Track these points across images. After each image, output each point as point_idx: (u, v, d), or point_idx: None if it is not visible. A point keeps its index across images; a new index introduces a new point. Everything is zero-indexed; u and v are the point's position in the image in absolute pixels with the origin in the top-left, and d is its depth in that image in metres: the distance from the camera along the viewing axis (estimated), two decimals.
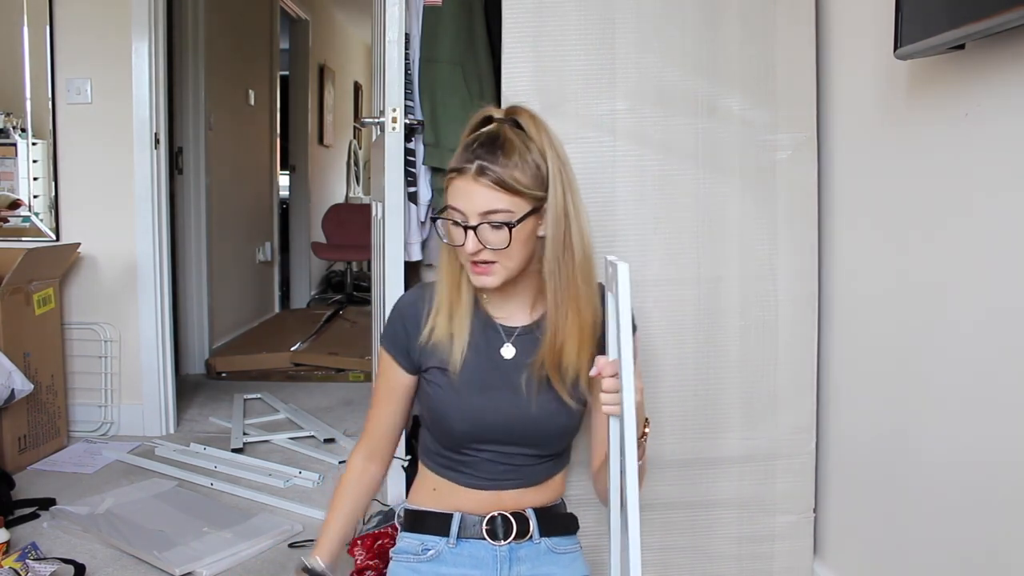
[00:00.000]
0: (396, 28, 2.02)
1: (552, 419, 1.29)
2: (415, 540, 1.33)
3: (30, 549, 1.83)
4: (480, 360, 1.29)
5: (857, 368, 1.60)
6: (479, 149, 1.20)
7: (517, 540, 1.30)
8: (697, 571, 1.70)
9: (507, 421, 1.27)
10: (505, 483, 1.31)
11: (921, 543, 1.35)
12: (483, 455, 1.30)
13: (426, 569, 1.30)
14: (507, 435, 1.28)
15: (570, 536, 1.38)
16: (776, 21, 1.66)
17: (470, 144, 1.22)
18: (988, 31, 1.04)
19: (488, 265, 1.21)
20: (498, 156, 1.19)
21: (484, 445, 1.29)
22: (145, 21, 2.83)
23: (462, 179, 1.20)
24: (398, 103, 2.03)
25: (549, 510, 1.35)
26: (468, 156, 1.20)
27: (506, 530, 1.30)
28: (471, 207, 1.19)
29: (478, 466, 1.30)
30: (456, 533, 1.30)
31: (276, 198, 5.52)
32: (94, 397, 2.95)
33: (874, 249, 1.52)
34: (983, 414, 1.18)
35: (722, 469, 1.69)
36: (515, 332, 1.31)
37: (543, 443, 1.31)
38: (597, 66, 1.65)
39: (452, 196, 1.22)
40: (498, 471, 1.30)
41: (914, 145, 1.37)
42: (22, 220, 2.91)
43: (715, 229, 1.67)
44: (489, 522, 1.30)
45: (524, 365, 1.28)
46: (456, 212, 1.21)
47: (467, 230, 1.20)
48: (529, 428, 1.28)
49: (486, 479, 1.31)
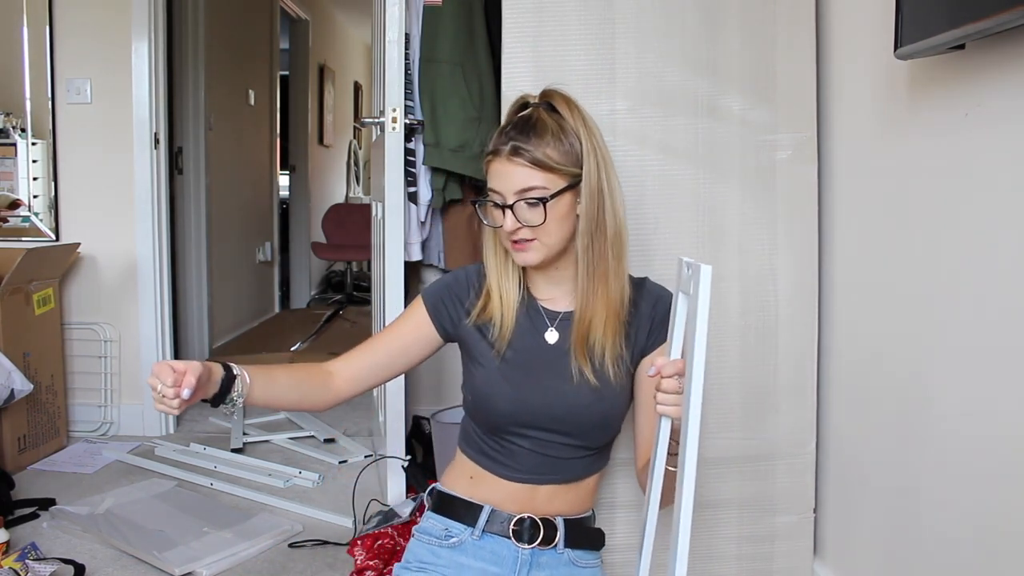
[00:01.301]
0: (396, 28, 2.02)
1: (593, 407, 1.29)
2: (440, 523, 1.33)
3: (30, 549, 1.83)
4: (526, 343, 1.31)
5: (857, 368, 1.59)
6: (512, 131, 1.24)
7: (542, 546, 1.31)
8: (697, 571, 1.70)
9: (549, 405, 1.28)
10: (542, 477, 1.31)
11: (921, 543, 1.35)
12: (523, 443, 1.30)
13: (446, 555, 1.31)
14: (549, 420, 1.29)
15: (594, 552, 1.38)
16: (776, 21, 1.66)
17: (505, 127, 1.26)
18: (988, 31, 1.03)
19: (527, 243, 1.25)
20: (531, 136, 1.23)
21: (526, 430, 1.29)
22: (145, 21, 2.83)
23: (497, 161, 1.24)
24: (398, 103, 2.03)
25: (579, 522, 1.35)
26: (503, 139, 1.24)
27: (532, 534, 1.30)
28: (507, 186, 1.23)
29: (517, 456, 1.30)
30: (483, 526, 1.31)
31: (276, 198, 5.53)
32: (94, 397, 2.95)
33: (874, 249, 1.52)
34: (984, 414, 1.18)
35: (722, 469, 1.69)
36: (559, 317, 1.33)
37: (583, 432, 1.31)
38: (597, 66, 1.65)
39: (490, 178, 1.27)
40: (536, 463, 1.30)
41: (914, 145, 1.37)
42: (22, 220, 2.91)
43: (715, 229, 1.67)
44: (517, 523, 1.30)
45: (566, 351, 1.30)
46: (494, 194, 1.25)
47: (504, 209, 1.24)
48: (570, 414, 1.29)
49: (523, 472, 1.31)
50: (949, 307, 1.27)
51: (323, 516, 2.23)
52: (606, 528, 1.43)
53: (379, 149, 2.24)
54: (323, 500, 2.35)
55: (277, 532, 2.08)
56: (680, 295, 1.11)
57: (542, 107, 1.28)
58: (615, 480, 1.66)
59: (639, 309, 1.33)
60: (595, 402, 1.29)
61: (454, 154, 2.22)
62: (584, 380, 1.28)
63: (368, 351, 1.35)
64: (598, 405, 1.29)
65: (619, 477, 1.66)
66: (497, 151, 1.25)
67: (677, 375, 1.10)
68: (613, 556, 1.67)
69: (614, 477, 1.65)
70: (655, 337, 1.32)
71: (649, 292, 1.35)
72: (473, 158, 2.19)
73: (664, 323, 1.28)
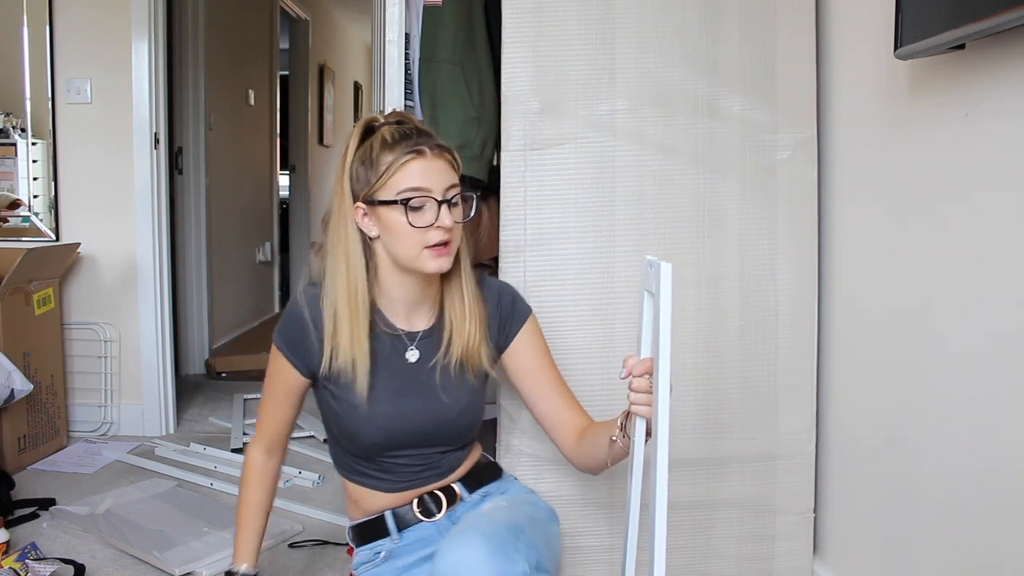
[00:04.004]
0: (396, 28, 2.02)
1: (466, 414, 1.33)
2: (367, 551, 1.37)
3: (30, 549, 1.83)
4: (386, 371, 1.31)
5: (857, 368, 1.59)
6: (417, 136, 1.24)
7: (451, 507, 1.35)
8: (697, 571, 1.70)
9: (422, 424, 1.31)
10: (424, 480, 1.35)
11: (921, 543, 1.35)
12: (399, 460, 1.33)
13: (385, 570, 1.34)
14: (421, 439, 1.32)
15: (498, 480, 1.42)
16: (776, 21, 1.66)
17: (402, 136, 1.24)
18: (988, 31, 1.04)
19: (447, 246, 1.24)
20: (436, 138, 1.25)
21: (399, 451, 1.32)
22: (145, 21, 2.83)
23: (422, 159, 1.22)
24: (398, 103, 2.03)
25: (472, 473, 1.39)
26: (415, 141, 1.23)
27: (437, 505, 1.34)
28: (438, 183, 1.22)
29: (395, 470, 1.34)
30: (395, 529, 1.34)
31: (276, 198, 5.52)
32: (94, 397, 2.94)
33: (874, 249, 1.52)
34: (983, 414, 1.18)
35: (722, 469, 1.69)
36: (417, 336, 1.33)
37: (458, 438, 1.35)
38: (597, 66, 1.65)
39: (413, 178, 1.22)
40: (415, 471, 1.34)
41: (914, 145, 1.37)
42: (22, 220, 2.91)
43: (715, 229, 1.67)
44: (419, 504, 1.34)
45: (430, 366, 1.31)
46: (421, 192, 1.22)
47: (440, 205, 1.22)
48: (440, 429, 1.32)
49: (404, 481, 1.34)
50: (949, 306, 1.27)
51: (323, 516, 2.23)
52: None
53: None
54: (323, 500, 2.34)
55: (277, 532, 2.08)
56: (645, 294, 1.12)
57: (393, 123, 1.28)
58: (613, 480, 1.66)
59: (488, 307, 1.36)
60: (462, 411, 1.33)
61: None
62: (449, 392, 1.31)
63: (273, 423, 1.39)
64: (466, 413, 1.33)
65: (619, 477, 1.66)
66: (420, 150, 1.22)
67: (647, 374, 1.11)
68: (613, 556, 1.67)
69: (613, 476, 1.65)
70: (507, 331, 1.36)
71: (489, 288, 1.38)
72: (473, 158, 2.19)
73: (509, 316, 1.35)
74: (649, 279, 1.08)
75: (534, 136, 1.65)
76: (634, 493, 1.17)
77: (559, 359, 1.64)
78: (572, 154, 1.66)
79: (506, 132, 1.66)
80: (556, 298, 1.65)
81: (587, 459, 1.31)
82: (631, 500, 1.18)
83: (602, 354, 1.65)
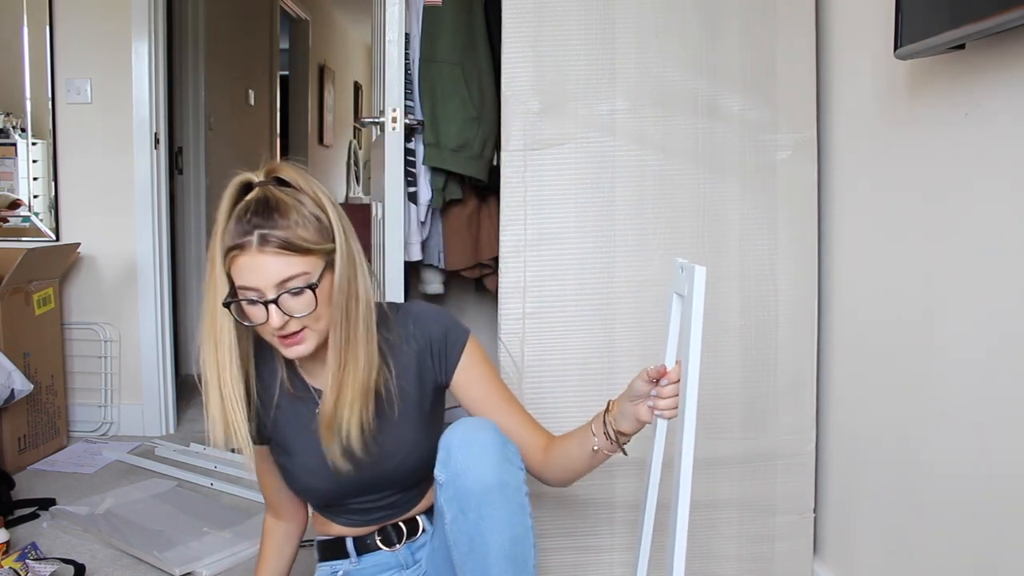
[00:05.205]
0: (396, 28, 2.02)
1: (408, 458, 1.27)
2: (327, 568, 1.37)
3: (30, 549, 1.83)
4: (307, 432, 1.25)
5: (857, 368, 1.59)
6: (254, 218, 1.10)
7: (411, 539, 1.34)
8: (697, 571, 1.70)
9: (360, 478, 1.27)
10: (386, 517, 1.34)
11: (921, 543, 1.35)
12: (355, 505, 1.32)
13: None
14: (368, 488, 1.30)
15: None
16: (776, 21, 1.66)
17: (242, 215, 1.11)
18: (988, 31, 1.03)
19: (297, 335, 1.14)
20: (275, 219, 1.10)
21: (352, 499, 1.31)
22: (145, 21, 2.83)
23: (246, 254, 1.09)
24: (398, 103, 2.03)
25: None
26: (243, 228, 1.10)
27: (399, 536, 1.33)
28: (265, 281, 1.10)
29: (353, 514, 1.34)
30: (355, 553, 1.34)
31: None
32: (94, 397, 2.95)
33: (874, 249, 1.52)
34: (984, 414, 1.18)
35: (722, 469, 1.69)
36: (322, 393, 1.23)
37: (407, 481, 1.31)
38: (597, 66, 1.65)
39: (240, 275, 1.11)
40: (373, 512, 1.33)
41: (914, 145, 1.37)
42: (22, 220, 2.91)
43: (715, 229, 1.67)
44: (381, 532, 1.33)
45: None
46: (249, 291, 1.11)
47: (267, 305, 1.10)
48: (385, 476, 1.28)
49: (363, 520, 1.34)
50: (950, 306, 1.27)
51: None
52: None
53: (379, 149, 2.24)
54: None
55: None
56: (675, 296, 1.11)
57: (271, 184, 1.15)
58: (614, 480, 1.66)
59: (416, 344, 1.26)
60: (404, 457, 1.27)
61: (454, 154, 2.22)
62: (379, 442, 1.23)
63: (271, 492, 1.39)
64: (408, 458, 1.27)
65: (618, 477, 1.66)
66: (242, 245, 1.09)
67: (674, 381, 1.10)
68: (613, 556, 1.67)
69: (613, 477, 1.65)
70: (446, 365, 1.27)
71: (417, 321, 1.27)
72: (473, 158, 2.19)
73: (442, 350, 1.26)
74: (680, 282, 1.08)
75: (534, 136, 1.65)
76: (651, 494, 1.17)
77: (559, 359, 1.65)
78: (572, 154, 1.66)
79: (506, 132, 1.66)
80: (556, 298, 1.65)
81: (560, 473, 1.26)
82: (647, 500, 1.18)
83: (602, 354, 1.65)
